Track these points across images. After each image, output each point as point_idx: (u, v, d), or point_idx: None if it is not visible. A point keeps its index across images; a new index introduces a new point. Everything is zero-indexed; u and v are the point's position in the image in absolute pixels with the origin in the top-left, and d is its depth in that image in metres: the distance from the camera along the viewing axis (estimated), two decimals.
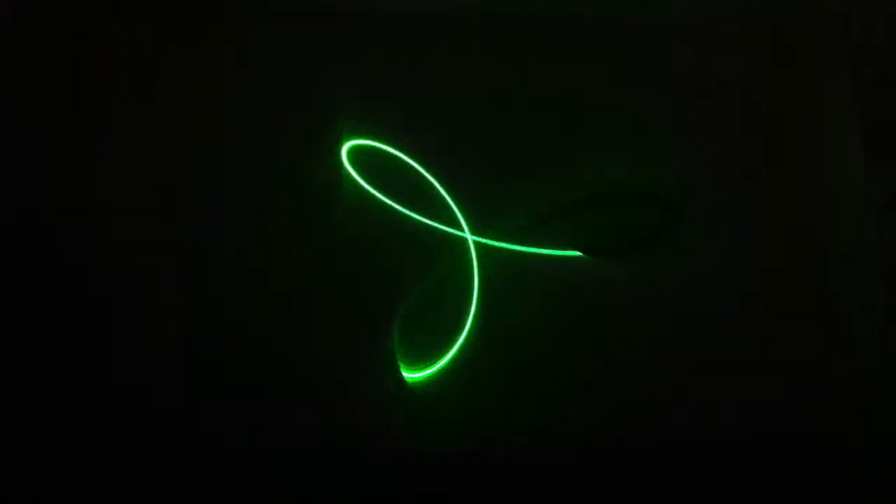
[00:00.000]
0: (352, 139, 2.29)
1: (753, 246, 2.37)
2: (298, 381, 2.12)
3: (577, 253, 2.26)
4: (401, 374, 2.16)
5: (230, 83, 2.29)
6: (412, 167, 2.29)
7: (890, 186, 2.06)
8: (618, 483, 2.14)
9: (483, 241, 2.27)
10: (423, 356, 2.20)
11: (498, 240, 2.28)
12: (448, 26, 2.40)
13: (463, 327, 2.21)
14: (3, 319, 2.03)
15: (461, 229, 2.27)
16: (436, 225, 2.26)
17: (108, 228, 2.14)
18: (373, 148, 2.29)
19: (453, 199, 2.28)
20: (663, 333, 2.27)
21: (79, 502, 1.98)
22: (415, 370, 2.19)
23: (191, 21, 2.30)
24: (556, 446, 2.16)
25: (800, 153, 2.46)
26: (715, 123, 2.44)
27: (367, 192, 2.26)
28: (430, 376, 2.18)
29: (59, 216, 2.13)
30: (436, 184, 2.28)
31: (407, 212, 2.25)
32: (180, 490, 2.01)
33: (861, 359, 2.23)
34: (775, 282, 2.35)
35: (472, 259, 2.26)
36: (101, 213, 2.15)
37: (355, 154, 2.29)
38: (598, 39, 2.46)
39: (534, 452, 2.14)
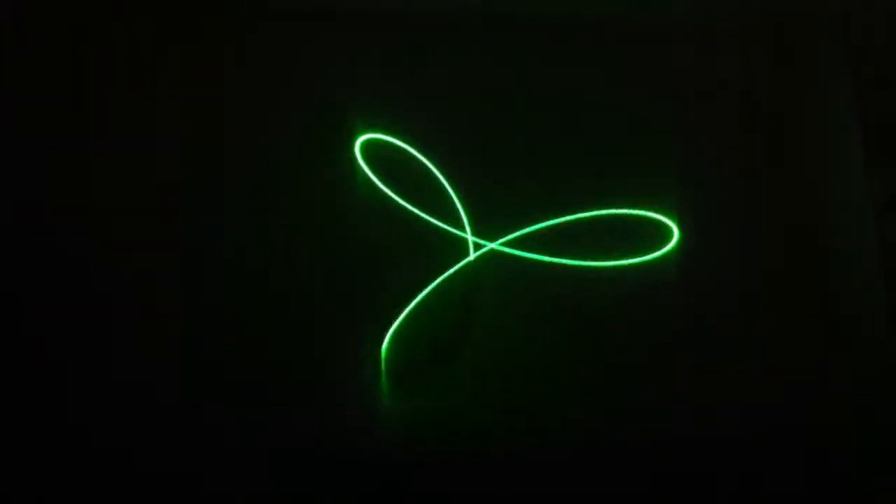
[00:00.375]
0: (366, 133, 2.29)
1: (753, 246, 2.37)
2: (298, 382, 2.11)
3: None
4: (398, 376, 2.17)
5: (230, 83, 2.29)
6: (418, 168, 2.29)
7: (890, 186, 2.06)
8: (618, 483, 2.14)
9: (484, 243, 2.27)
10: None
11: (500, 243, 2.28)
12: (448, 26, 2.40)
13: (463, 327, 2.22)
14: (3, 319, 2.03)
15: (463, 230, 2.27)
16: (439, 223, 2.26)
17: (108, 228, 2.14)
18: (383, 141, 2.29)
19: (455, 199, 2.29)
20: (663, 334, 2.26)
21: (79, 502, 1.98)
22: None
23: (191, 21, 2.30)
24: (556, 447, 2.16)
25: (800, 153, 2.46)
26: (715, 123, 2.44)
27: (379, 190, 2.25)
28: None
29: (59, 216, 2.13)
30: (443, 180, 2.29)
31: (413, 208, 2.25)
32: (180, 490, 2.01)
33: (861, 359, 2.22)
34: (775, 282, 2.35)
35: (471, 260, 2.26)
36: (101, 213, 2.15)
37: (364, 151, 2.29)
38: (598, 39, 2.46)
39: (534, 453, 2.14)
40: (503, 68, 2.41)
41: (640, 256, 2.29)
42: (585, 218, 2.30)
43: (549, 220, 2.29)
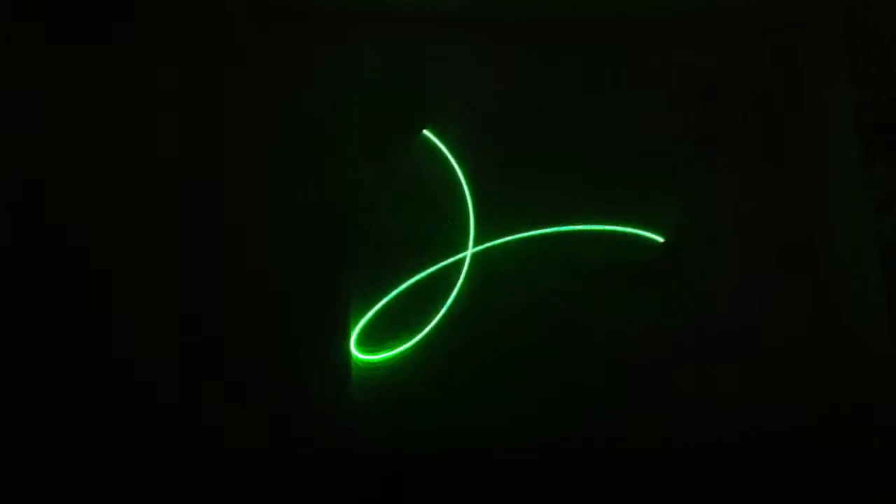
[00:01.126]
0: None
1: (753, 246, 2.38)
2: (297, 382, 2.12)
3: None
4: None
5: (230, 83, 2.29)
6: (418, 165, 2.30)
7: (889, 186, 2.05)
8: (618, 483, 2.14)
9: (486, 244, 2.28)
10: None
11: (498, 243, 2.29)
12: (449, 26, 2.40)
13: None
14: (3, 319, 2.03)
15: (464, 228, 2.28)
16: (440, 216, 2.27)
17: (108, 228, 2.14)
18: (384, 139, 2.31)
19: (454, 198, 2.30)
20: (664, 334, 2.27)
21: (79, 502, 1.98)
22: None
23: (191, 21, 2.30)
24: (556, 447, 2.16)
25: (799, 153, 2.46)
26: (715, 123, 2.45)
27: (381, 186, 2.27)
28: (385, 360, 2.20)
29: (59, 216, 2.13)
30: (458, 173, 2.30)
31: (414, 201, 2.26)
32: (180, 490, 2.01)
33: (861, 359, 2.23)
34: (775, 282, 2.35)
35: (465, 257, 2.27)
36: (101, 213, 2.15)
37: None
38: (599, 39, 2.46)
39: (532, 452, 2.14)
40: (504, 68, 2.41)
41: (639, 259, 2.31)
42: (584, 231, 2.31)
43: (548, 225, 2.31)
